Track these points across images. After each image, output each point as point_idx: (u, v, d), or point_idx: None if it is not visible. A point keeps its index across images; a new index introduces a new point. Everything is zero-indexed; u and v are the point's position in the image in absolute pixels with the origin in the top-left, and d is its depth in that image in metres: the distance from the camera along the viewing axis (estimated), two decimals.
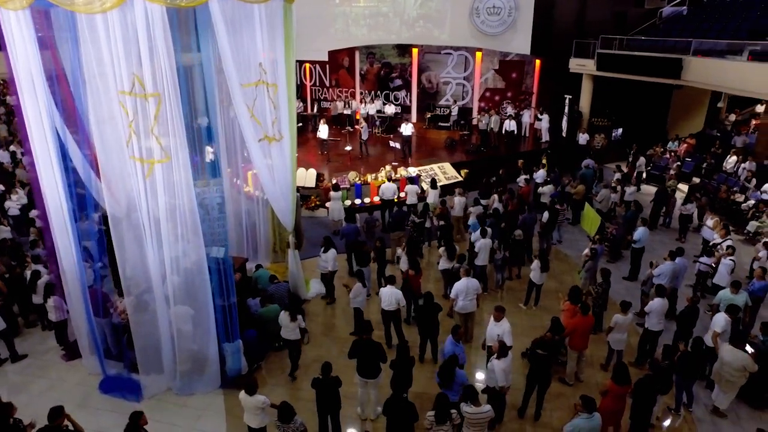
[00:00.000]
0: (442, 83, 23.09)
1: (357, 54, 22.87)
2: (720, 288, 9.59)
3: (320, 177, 15.66)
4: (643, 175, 17.31)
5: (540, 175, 15.29)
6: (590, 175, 15.71)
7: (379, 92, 23.41)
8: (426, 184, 15.03)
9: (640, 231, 11.35)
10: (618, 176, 15.15)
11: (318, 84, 24.11)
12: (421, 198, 14.41)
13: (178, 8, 6.97)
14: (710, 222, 12.17)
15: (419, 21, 21.18)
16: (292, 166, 9.57)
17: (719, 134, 19.67)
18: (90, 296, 8.09)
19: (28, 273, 9.58)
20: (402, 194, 14.56)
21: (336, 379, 6.80)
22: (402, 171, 15.97)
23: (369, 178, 15.39)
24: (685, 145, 18.43)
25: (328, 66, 23.41)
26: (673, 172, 16.04)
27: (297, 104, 10.77)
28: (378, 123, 21.69)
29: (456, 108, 22.03)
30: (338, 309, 10.66)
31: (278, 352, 9.11)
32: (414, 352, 8.31)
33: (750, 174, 15.03)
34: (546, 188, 14.26)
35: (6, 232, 11.83)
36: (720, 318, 8.09)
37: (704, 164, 16.94)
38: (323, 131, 18.23)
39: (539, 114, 20.56)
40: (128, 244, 7.91)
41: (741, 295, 8.70)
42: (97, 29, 6.74)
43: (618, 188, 14.44)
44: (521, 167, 15.78)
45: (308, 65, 23.46)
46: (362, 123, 19.25)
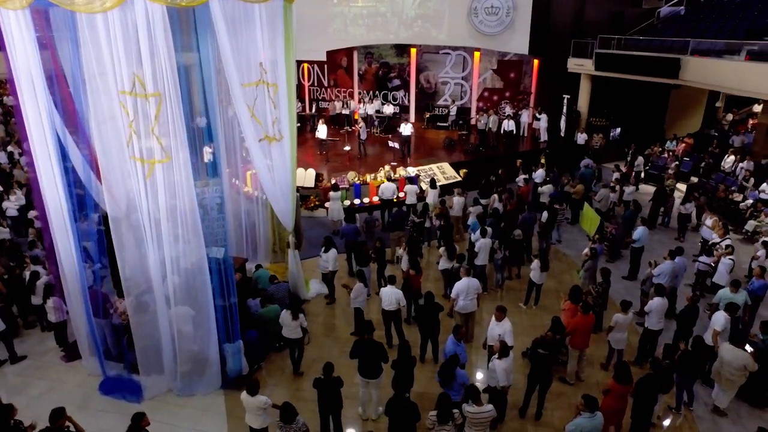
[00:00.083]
0: (441, 83, 23.11)
1: (355, 54, 22.85)
2: (719, 287, 9.62)
3: (319, 177, 15.64)
4: (642, 175, 17.37)
5: (539, 175, 15.30)
6: (589, 175, 15.74)
7: (378, 92, 23.41)
8: (425, 184, 15.03)
9: (640, 230, 11.37)
10: (617, 176, 15.16)
11: (316, 84, 24.09)
12: (421, 198, 14.41)
13: (179, 8, 6.94)
14: (709, 221, 12.20)
15: (417, 21, 21.19)
16: (292, 166, 9.55)
17: (717, 134, 19.72)
18: (90, 297, 8.05)
19: (27, 274, 9.55)
20: (401, 194, 14.57)
21: (337, 380, 6.80)
22: (401, 171, 15.95)
23: (368, 178, 15.37)
24: (683, 145, 18.48)
25: (327, 66, 23.38)
26: (672, 172, 16.06)
27: (296, 104, 10.72)
28: (376, 123, 21.68)
29: (454, 108, 22.06)
30: (338, 309, 10.65)
31: (279, 353, 9.10)
32: (414, 352, 8.29)
33: (748, 173, 15.07)
34: (545, 188, 14.27)
35: (5, 233, 11.77)
36: (719, 317, 8.11)
37: (702, 164, 16.98)
38: (322, 131, 18.22)
39: (537, 114, 20.56)
40: (128, 245, 7.88)
41: (740, 294, 8.72)
42: (98, 29, 6.71)
43: (617, 188, 14.46)
44: (520, 167, 15.80)
45: (306, 65, 23.42)
46: (360, 123, 19.24)
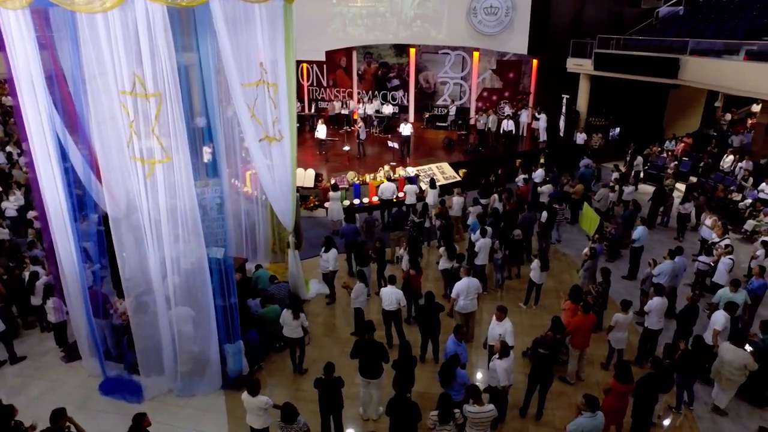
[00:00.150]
0: (440, 83, 23.12)
1: (354, 54, 22.84)
2: (719, 286, 9.64)
3: (319, 177, 15.64)
4: (641, 175, 17.39)
5: (538, 175, 15.31)
6: (589, 175, 15.75)
7: (377, 92, 23.40)
8: (424, 184, 15.02)
9: (639, 230, 11.38)
10: (616, 176, 15.18)
11: (315, 84, 24.08)
12: (420, 198, 14.40)
13: (179, 7, 6.92)
14: (708, 221, 12.20)
15: (416, 21, 21.19)
16: (293, 166, 9.53)
17: (716, 133, 19.76)
18: (90, 297, 8.04)
19: (27, 274, 9.53)
20: (401, 194, 14.56)
21: (338, 380, 6.80)
22: (400, 171, 15.95)
23: (367, 178, 15.37)
24: (682, 145, 18.50)
25: (326, 66, 23.36)
26: (671, 172, 16.08)
27: (296, 104, 10.70)
28: (376, 123, 21.67)
29: (454, 108, 22.05)
30: (338, 309, 10.65)
31: (279, 353, 9.10)
32: (415, 352, 8.27)
33: (747, 173, 15.08)
34: (545, 188, 14.29)
35: (4, 234, 11.74)
36: (720, 316, 8.11)
37: (701, 163, 17.00)
38: (321, 131, 18.20)
39: (537, 114, 20.58)
40: (128, 245, 7.87)
41: (740, 294, 8.73)
42: (98, 29, 6.69)
43: (616, 187, 14.47)
44: (519, 167, 15.81)
45: (305, 65, 23.39)
46: (360, 123, 19.24)
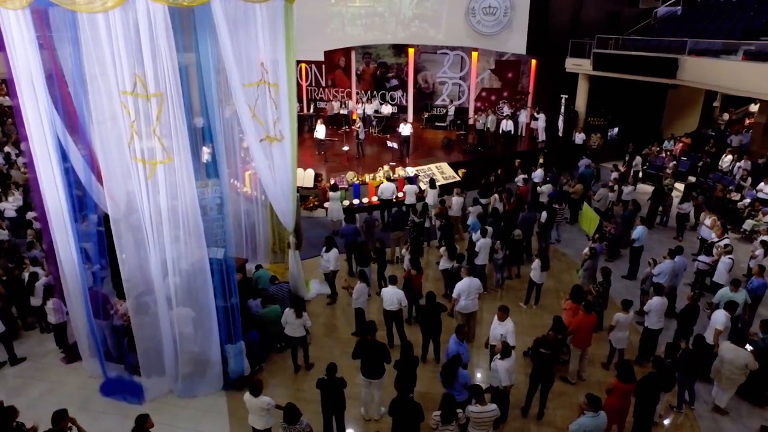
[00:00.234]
0: (439, 83, 23.12)
1: (353, 54, 22.85)
2: (719, 286, 9.67)
3: (318, 177, 15.62)
4: (640, 175, 17.42)
5: (538, 175, 15.33)
6: (589, 175, 15.77)
7: (376, 92, 23.38)
8: (424, 184, 15.02)
9: (639, 230, 11.39)
10: (615, 175, 15.21)
11: (314, 84, 24.06)
12: (420, 198, 14.40)
13: (180, 7, 6.91)
14: (708, 221, 12.21)
15: (415, 21, 21.20)
16: (293, 167, 9.53)
17: (714, 133, 19.81)
18: (90, 298, 8.01)
19: (26, 275, 9.50)
20: (400, 194, 14.56)
21: (341, 380, 6.79)
22: (400, 171, 15.95)
23: (367, 178, 15.36)
24: (681, 144, 18.55)
25: (324, 66, 23.33)
26: (670, 171, 16.12)
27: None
28: (375, 123, 21.66)
29: (452, 108, 22.04)
30: (338, 309, 10.64)
31: (280, 353, 9.08)
32: (416, 352, 8.28)
33: (745, 173, 15.11)
34: (545, 187, 14.31)
35: (3, 235, 11.69)
36: (721, 316, 8.13)
37: (700, 163, 17.04)
38: (320, 131, 18.17)
39: (535, 114, 20.61)
40: (129, 246, 7.85)
41: (740, 293, 8.75)
42: (99, 29, 6.67)
43: (615, 187, 14.49)
44: (519, 167, 15.82)
45: (304, 65, 23.37)
46: (358, 123, 19.23)
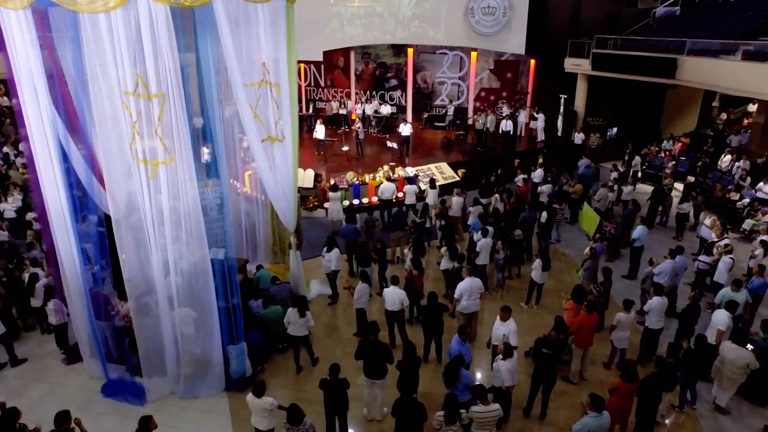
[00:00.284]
0: (438, 83, 23.12)
1: (352, 54, 22.84)
2: (719, 285, 9.69)
3: (318, 177, 15.61)
4: (639, 174, 17.44)
5: (538, 175, 15.34)
6: (590, 175, 15.79)
7: (375, 92, 23.36)
8: (424, 184, 15.02)
9: (639, 229, 11.40)
10: (615, 175, 15.23)
11: (313, 84, 24.05)
12: (420, 198, 14.40)
13: (182, 7, 6.89)
14: (708, 221, 12.23)
15: (414, 21, 21.20)
16: (294, 167, 9.52)
17: (712, 133, 19.86)
18: (91, 299, 7.99)
19: (26, 276, 9.47)
20: (400, 194, 14.55)
21: (344, 381, 6.79)
22: (400, 171, 15.95)
23: (367, 179, 15.36)
24: (680, 144, 18.58)
25: (323, 66, 23.33)
26: (669, 171, 16.15)
27: None
28: (374, 123, 21.65)
29: (452, 108, 22.04)
30: (339, 310, 10.63)
31: (281, 354, 9.08)
32: (418, 353, 8.28)
33: (744, 173, 15.15)
34: (545, 187, 14.32)
35: (3, 236, 11.65)
36: (723, 316, 8.11)
37: (699, 163, 17.06)
38: (320, 131, 18.15)
39: (535, 114, 20.62)
40: (131, 247, 7.81)
41: (742, 293, 8.76)
42: (100, 29, 6.64)
43: (615, 187, 14.51)
44: (518, 167, 15.83)
45: (303, 65, 23.31)
46: (358, 123, 19.22)
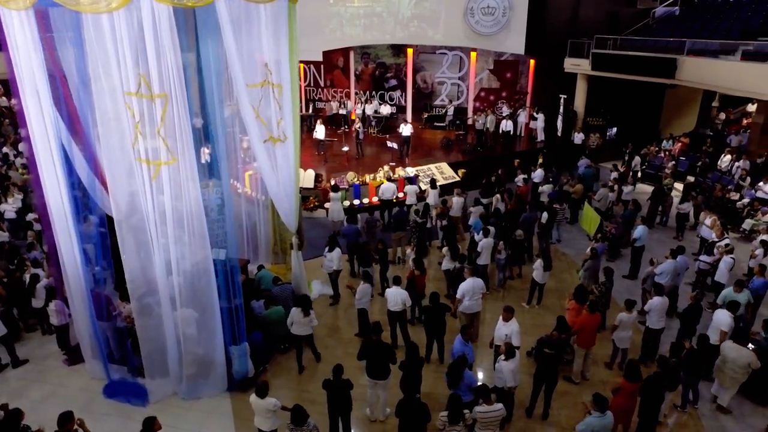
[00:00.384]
0: (437, 83, 23.11)
1: (352, 54, 22.83)
2: (720, 285, 9.71)
3: (318, 177, 15.60)
4: (639, 174, 17.46)
5: (538, 175, 15.35)
6: (591, 175, 15.80)
7: (375, 92, 23.35)
8: (424, 184, 15.02)
9: (640, 229, 11.42)
10: (615, 175, 15.25)
11: (312, 84, 24.03)
12: (421, 198, 14.40)
13: (185, 8, 6.88)
14: (708, 221, 12.24)
15: (413, 21, 21.21)
16: (296, 167, 9.51)
17: (712, 133, 19.89)
18: (93, 300, 7.98)
19: (27, 277, 9.44)
20: (401, 194, 14.55)
21: (347, 382, 6.79)
22: (400, 171, 15.96)
23: (367, 179, 15.36)
24: (680, 144, 18.61)
25: (323, 66, 23.31)
26: (669, 171, 16.17)
27: None
28: (374, 123, 21.65)
29: (451, 108, 22.04)
30: (341, 310, 10.63)
31: (283, 355, 9.07)
32: (420, 353, 8.27)
33: (744, 172, 15.17)
34: (545, 187, 14.33)
35: (3, 236, 11.63)
36: (725, 317, 8.11)
37: (699, 163, 17.09)
38: (320, 132, 18.13)
39: (534, 114, 20.64)
40: (133, 247, 7.79)
41: (744, 294, 8.77)
42: (103, 29, 6.62)
43: (615, 187, 14.53)
44: (518, 167, 15.84)
45: (302, 65, 23.25)
46: (358, 123, 19.22)
